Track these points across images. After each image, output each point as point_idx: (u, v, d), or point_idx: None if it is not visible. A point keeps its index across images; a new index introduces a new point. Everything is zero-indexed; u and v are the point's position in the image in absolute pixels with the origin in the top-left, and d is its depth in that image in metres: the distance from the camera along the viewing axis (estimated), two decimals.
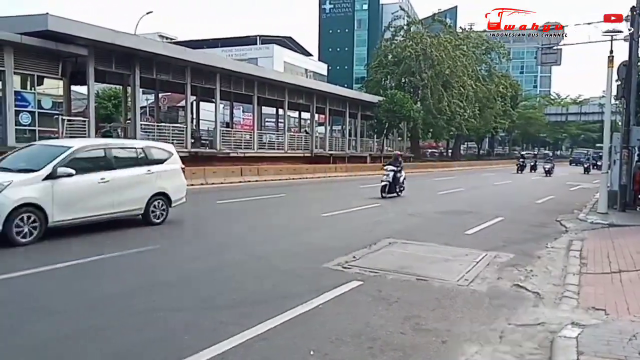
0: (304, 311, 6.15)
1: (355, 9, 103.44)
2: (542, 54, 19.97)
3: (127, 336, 5.29)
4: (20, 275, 7.32)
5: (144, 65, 24.47)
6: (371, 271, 8.15)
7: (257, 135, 33.73)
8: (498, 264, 9.09)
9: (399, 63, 49.92)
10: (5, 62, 19.09)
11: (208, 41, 63.92)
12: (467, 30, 55.33)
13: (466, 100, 51.19)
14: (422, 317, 6.14)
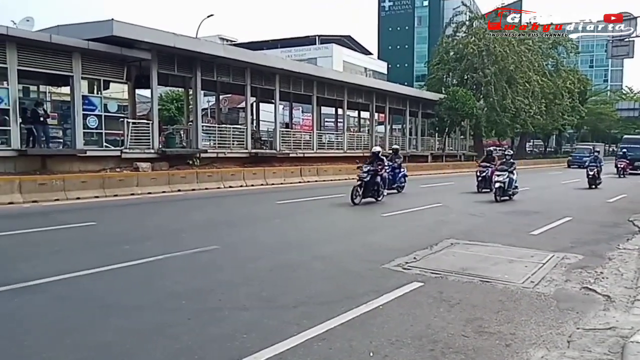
0: (364, 312, 6.11)
1: (416, 5, 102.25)
2: (612, 47, 19.14)
3: (192, 334, 5.40)
4: (90, 273, 7.62)
5: (205, 67, 25.04)
6: (432, 272, 8.01)
7: (316, 135, 33.86)
8: (566, 265, 8.74)
9: (461, 59, 48.94)
10: (73, 68, 19.96)
11: (267, 42, 64.73)
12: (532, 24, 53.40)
13: (532, 97, 49.58)
14: (485, 319, 5.98)
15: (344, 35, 70.72)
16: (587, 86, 70.00)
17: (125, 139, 21.52)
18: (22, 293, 6.66)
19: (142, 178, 18.83)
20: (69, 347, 5.04)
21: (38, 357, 4.79)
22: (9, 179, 15.63)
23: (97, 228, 11.88)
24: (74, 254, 9.13)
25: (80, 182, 16.77)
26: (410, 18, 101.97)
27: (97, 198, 16.58)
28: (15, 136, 18.60)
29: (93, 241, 10.32)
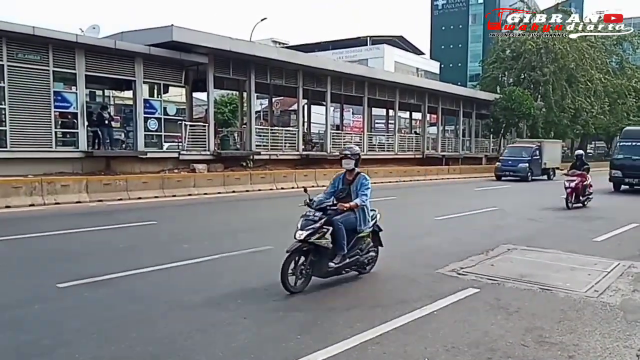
0: (418, 317, 6.01)
1: (470, 3, 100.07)
2: None
3: (248, 333, 5.48)
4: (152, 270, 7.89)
5: (258, 70, 25.37)
6: (488, 278, 7.79)
7: (367, 137, 33.71)
8: (633, 274, 8.31)
9: (518, 58, 47.64)
10: (135, 73, 20.67)
11: (319, 44, 64.93)
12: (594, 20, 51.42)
13: (594, 96, 47.78)
14: (545, 329, 5.76)
15: (395, 35, 70.19)
16: None
17: (182, 141, 22.07)
18: (91, 287, 6.99)
19: (199, 179, 19.29)
20: (135, 340, 5.23)
21: (107, 349, 5.00)
22: (77, 179, 16.46)
23: (157, 227, 12.29)
24: (138, 251, 9.50)
25: (141, 183, 17.44)
26: (464, 16, 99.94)
27: (157, 198, 17.17)
28: (83, 138, 19.51)
29: (154, 240, 10.73)
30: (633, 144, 23.39)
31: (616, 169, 23.67)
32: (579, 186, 17.04)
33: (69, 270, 7.88)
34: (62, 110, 19.48)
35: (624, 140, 24.41)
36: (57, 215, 13.83)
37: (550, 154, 34.02)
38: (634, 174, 23.05)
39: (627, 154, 23.37)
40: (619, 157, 23.89)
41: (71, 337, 5.30)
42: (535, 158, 32.00)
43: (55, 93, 18.82)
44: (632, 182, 23.36)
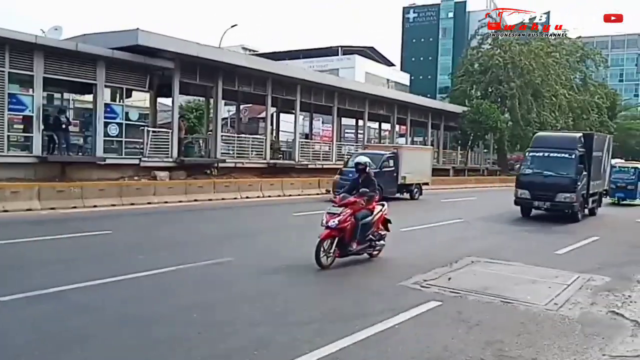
0: (379, 331, 5.93)
1: (441, 17, 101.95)
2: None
3: (204, 348, 5.29)
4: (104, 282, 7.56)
5: (226, 77, 25.11)
6: (451, 291, 7.75)
7: (336, 146, 33.72)
8: (592, 287, 8.42)
9: (486, 72, 48.46)
10: (97, 76, 20.16)
11: (290, 52, 64.86)
12: (559, 36, 52.69)
13: (558, 111, 48.86)
14: (505, 342, 5.74)
15: (366, 46, 70.71)
16: (617, 101, 68.75)
17: (144, 147, 21.59)
18: (37, 301, 6.63)
19: (160, 187, 18.82)
20: (79, 356, 5.02)
21: None
22: (28, 185, 15.68)
23: (112, 237, 11.85)
24: (89, 262, 9.11)
25: (98, 190, 16.79)
26: (434, 30, 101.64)
27: (114, 206, 16.55)
28: (37, 143, 18.77)
29: (108, 250, 10.28)
30: (546, 154, 17.75)
31: (523, 188, 17.74)
32: (347, 225, 8.99)
33: (13, 282, 7.43)
34: (16, 114, 18.82)
35: (535, 149, 18.40)
36: (3, 223, 13.04)
37: (412, 164, 24.37)
38: (545, 195, 17.16)
39: (537, 168, 17.78)
40: (526, 172, 18.13)
41: (14, 352, 5.03)
42: (386, 170, 22.17)
43: (9, 95, 18.15)
44: (541, 206, 17.65)
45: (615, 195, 25.04)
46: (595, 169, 18.88)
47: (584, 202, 17.90)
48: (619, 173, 25.45)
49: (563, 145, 17.70)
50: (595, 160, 18.62)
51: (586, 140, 18.32)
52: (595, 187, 18.99)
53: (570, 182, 16.74)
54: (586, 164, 17.61)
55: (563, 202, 16.79)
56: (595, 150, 18.57)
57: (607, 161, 20.88)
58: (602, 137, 21.27)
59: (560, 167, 17.10)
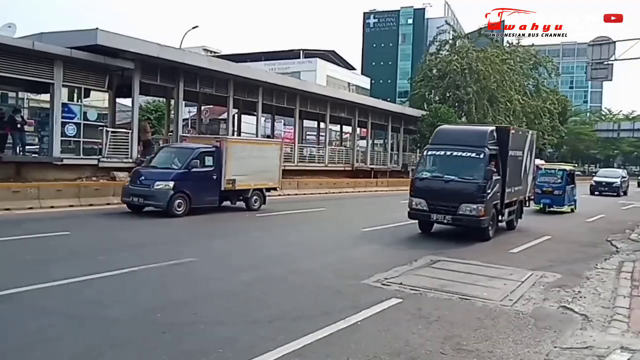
0: (341, 328, 6.05)
1: (400, 23, 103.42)
2: (592, 69, 19.40)
3: (167, 348, 5.30)
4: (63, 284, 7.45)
5: (188, 78, 24.87)
6: (411, 289, 7.96)
7: (298, 148, 33.80)
8: (544, 284, 8.78)
9: (444, 77, 49.43)
10: (54, 76, 19.65)
11: (252, 55, 64.63)
12: (514, 44, 54.24)
13: (512, 115, 50.20)
14: (463, 337, 5.95)
15: (328, 50, 71.06)
16: (567, 107, 71.19)
17: (103, 148, 21.20)
18: None
19: (119, 188, 18.43)
20: (40, 359, 4.94)
21: None
22: None
23: (71, 238, 11.62)
24: (47, 264, 8.91)
25: (55, 191, 16.38)
26: (394, 35, 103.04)
27: (72, 207, 16.18)
28: None
29: (67, 252, 10.08)
30: (448, 153, 13.77)
31: (419, 197, 13.45)
32: None
33: None
34: None
35: (435, 146, 14.31)
36: None
37: (248, 163, 17.77)
38: (445, 206, 13.08)
39: (437, 171, 13.89)
40: (423, 175, 13.96)
41: None
42: (199, 170, 16.36)
43: None
44: (441, 220, 13.37)
45: (541, 202, 21.83)
46: (514, 171, 14.91)
47: (497, 213, 13.88)
48: (545, 176, 22.49)
49: (470, 142, 13.68)
50: (512, 161, 14.68)
51: (500, 136, 14.29)
52: (513, 195, 15.02)
53: (477, 189, 12.73)
54: (500, 166, 13.87)
55: (468, 215, 12.69)
56: (512, 148, 14.62)
57: (531, 163, 17.08)
58: (522, 133, 17.02)
59: (465, 169, 13.14)
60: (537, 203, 21.29)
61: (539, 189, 20.97)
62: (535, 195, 20.02)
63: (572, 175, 22.93)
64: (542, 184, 21.66)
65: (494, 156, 13.68)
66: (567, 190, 22.05)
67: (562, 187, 21.99)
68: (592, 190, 36.60)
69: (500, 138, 14.22)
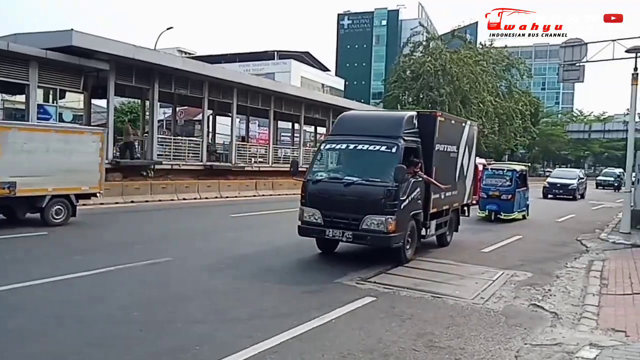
0: (316, 325, 6.14)
1: (374, 24, 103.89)
2: (563, 71, 19.70)
3: (144, 345, 5.34)
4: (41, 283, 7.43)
5: (162, 79, 24.73)
6: (385, 287, 8.08)
7: (272, 149, 33.80)
8: (515, 282, 8.98)
9: (417, 78, 49.85)
10: (30, 77, 19.47)
11: (226, 56, 64.38)
12: (487, 46, 55.02)
13: (485, 117, 50.87)
14: (435, 334, 6.07)
15: (302, 51, 71.13)
16: (539, 108, 72.35)
17: None
18: None
19: None
20: (20, 357, 4.96)
21: None
22: None
23: (48, 238, 11.55)
24: (25, 263, 8.91)
25: None
26: (368, 37, 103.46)
27: None
28: None
29: (44, 251, 10.10)
30: (351, 146, 10.38)
31: (312, 206, 10.01)
32: None
33: None
34: None
35: (335, 138, 10.89)
36: None
37: (39, 158, 12.79)
38: (345, 219, 9.63)
39: (336, 171, 10.72)
40: (318, 177, 10.37)
41: None
42: None
43: None
44: (340, 237, 9.79)
45: (486, 208, 18.52)
46: (444, 171, 11.42)
47: (418, 227, 10.51)
48: (491, 178, 19.08)
49: (380, 131, 10.22)
50: (442, 158, 11.27)
51: (424, 124, 10.77)
52: (443, 202, 11.57)
53: (385, 194, 9.30)
54: (423, 164, 10.46)
55: (374, 231, 9.28)
56: (442, 141, 11.16)
57: (470, 161, 13.64)
58: (455, 123, 13.07)
59: (372, 168, 9.80)
60: (482, 209, 18.64)
61: (484, 193, 18.53)
62: (480, 200, 18.42)
63: (523, 176, 19.96)
64: (488, 187, 18.67)
65: (414, 151, 10.27)
66: (517, 194, 18.60)
67: (511, 190, 18.40)
68: (545, 192, 32.60)
69: (423, 127, 10.70)
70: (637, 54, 15.92)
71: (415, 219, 10.30)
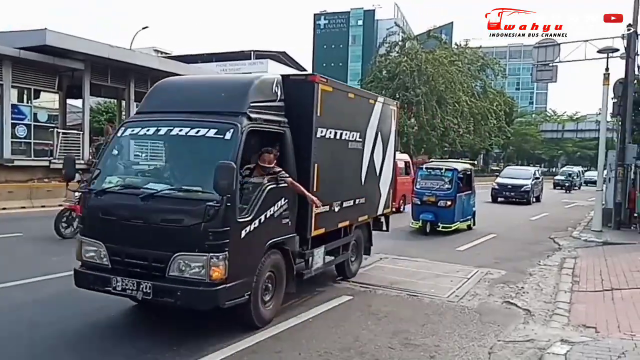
0: (293, 325, 6.19)
1: (350, 24, 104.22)
2: (537, 71, 20.01)
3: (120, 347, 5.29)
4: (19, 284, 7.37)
5: (139, 79, 24.51)
6: (361, 286, 8.15)
7: None
8: (489, 280, 9.11)
9: (393, 78, 50.06)
10: (3, 76, 19.21)
11: (202, 56, 63.84)
12: (462, 46, 55.59)
13: (460, 116, 51.33)
14: (411, 332, 6.15)
15: (279, 51, 70.92)
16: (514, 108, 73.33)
17: (54, 149, 20.79)
18: None
19: None
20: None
21: None
22: None
23: (24, 239, 11.46)
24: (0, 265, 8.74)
25: (6, 192, 16.17)
26: (344, 36, 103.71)
27: (24, 209, 15.94)
28: None
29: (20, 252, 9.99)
30: (163, 130, 6.11)
31: (94, 237, 5.81)
32: None
33: None
34: None
35: (143, 117, 6.56)
36: None
37: None
38: (141, 260, 5.51)
39: (136, 175, 6.60)
40: (109, 182, 6.05)
41: None
42: None
43: None
44: (131, 291, 5.51)
45: (420, 217, 14.69)
46: (337, 172, 7.71)
47: (287, 264, 6.56)
48: (426, 179, 15.24)
49: (210, 105, 6.17)
50: (332, 151, 7.47)
51: (295, 96, 6.81)
52: (339, 218, 7.86)
53: (205, 216, 5.27)
54: (291, 159, 6.61)
55: (188, 281, 5.36)
56: (329, 124, 7.31)
57: (385, 156, 9.63)
58: (358, 98, 8.74)
59: (191, 168, 6.18)
60: (416, 219, 14.88)
61: (417, 199, 14.90)
62: (413, 207, 15.10)
63: (467, 177, 16.10)
64: (422, 191, 14.92)
65: (274, 138, 6.44)
66: (458, 200, 14.89)
67: (450, 194, 14.70)
68: (495, 195, 27.67)
69: (294, 100, 6.72)
70: (608, 55, 16.30)
71: (280, 251, 6.31)
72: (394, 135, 10.16)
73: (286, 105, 6.64)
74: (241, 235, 5.51)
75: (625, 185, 16.49)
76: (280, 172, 6.18)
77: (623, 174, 16.44)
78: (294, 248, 6.68)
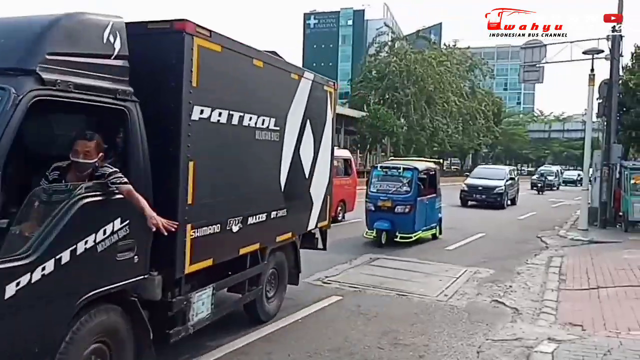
0: (283, 325, 6.18)
1: (340, 24, 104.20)
2: (524, 72, 20.17)
3: None
4: None
5: None
6: (351, 286, 8.17)
7: None
8: (478, 279, 9.16)
9: (383, 78, 50.21)
10: None
11: None
12: (451, 47, 55.86)
13: (449, 117, 51.59)
14: (400, 331, 6.17)
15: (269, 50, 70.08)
16: (501, 108, 73.71)
17: None
18: None
19: None
20: None
21: None
22: None
23: None
24: None
25: None
26: (334, 36, 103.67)
27: None
28: None
29: None
30: None
31: None
32: None
33: None
34: None
35: None
36: None
37: None
38: None
39: None
40: None
41: None
42: None
43: None
44: None
45: (374, 226, 12.33)
46: (234, 175, 5.23)
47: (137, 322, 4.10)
48: (382, 180, 12.95)
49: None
50: (223, 142, 5.01)
51: (147, 51, 4.21)
52: (239, 240, 5.33)
53: None
54: (140, 153, 4.01)
55: None
56: (218, 102, 4.82)
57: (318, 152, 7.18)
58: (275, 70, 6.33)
59: None
60: (371, 228, 12.55)
61: (371, 204, 12.58)
62: (367, 214, 12.76)
63: (430, 177, 13.81)
64: (376, 194, 12.66)
65: (108, 117, 3.97)
66: (419, 205, 12.52)
67: (410, 198, 12.37)
68: (464, 198, 24.58)
69: (151, 60, 4.30)
70: (594, 56, 16.48)
71: (120, 305, 3.97)
72: (331, 126, 7.70)
73: (134, 68, 4.05)
74: (3, 293, 2.99)
75: (611, 185, 16.67)
76: (111, 175, 3.72)
77: (608, 174, 16.62)
78: (153, 296, 4.26)
